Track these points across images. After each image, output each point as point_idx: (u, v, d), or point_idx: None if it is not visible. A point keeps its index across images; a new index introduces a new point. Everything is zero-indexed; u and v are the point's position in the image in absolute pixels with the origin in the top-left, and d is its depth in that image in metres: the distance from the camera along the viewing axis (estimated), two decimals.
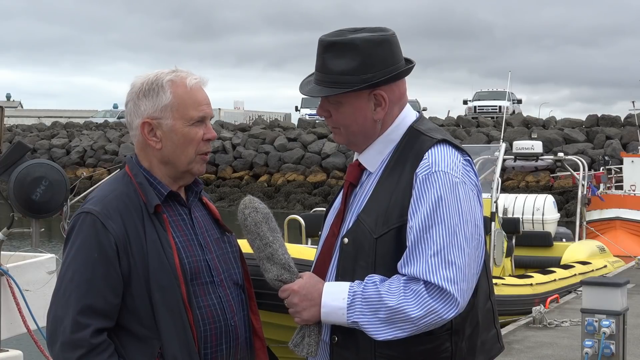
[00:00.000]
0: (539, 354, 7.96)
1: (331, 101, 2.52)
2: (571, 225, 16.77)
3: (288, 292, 2.46)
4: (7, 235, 5.12)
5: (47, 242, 14.51)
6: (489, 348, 2.57)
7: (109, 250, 2.45)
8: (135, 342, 2.47)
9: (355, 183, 2.59)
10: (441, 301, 2.31)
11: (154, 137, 2.58)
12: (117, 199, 2.52)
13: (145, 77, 2.60)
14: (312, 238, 8.10)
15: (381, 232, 2.41)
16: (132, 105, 2.61)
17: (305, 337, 2.48)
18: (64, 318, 2.43)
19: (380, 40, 2.48)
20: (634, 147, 28.95)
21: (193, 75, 2.61)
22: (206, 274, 2.57)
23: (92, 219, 2.48)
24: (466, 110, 44.08)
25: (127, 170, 2.61)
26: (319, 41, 2.53)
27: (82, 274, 2.44)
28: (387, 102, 2.51)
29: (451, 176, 2.41)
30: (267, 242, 2.49)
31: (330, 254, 2.54)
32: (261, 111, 57.85)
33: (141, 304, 2.46)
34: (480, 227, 2.46)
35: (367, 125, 2.53)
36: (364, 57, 2.46)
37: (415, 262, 2.34)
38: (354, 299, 2.37)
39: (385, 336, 2.34)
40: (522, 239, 12.62)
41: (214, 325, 2.54)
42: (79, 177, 6.51)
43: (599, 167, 24.93)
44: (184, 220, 2.61)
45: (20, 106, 66.10)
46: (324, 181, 35.98)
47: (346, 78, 2.46)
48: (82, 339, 2.40)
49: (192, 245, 2.58)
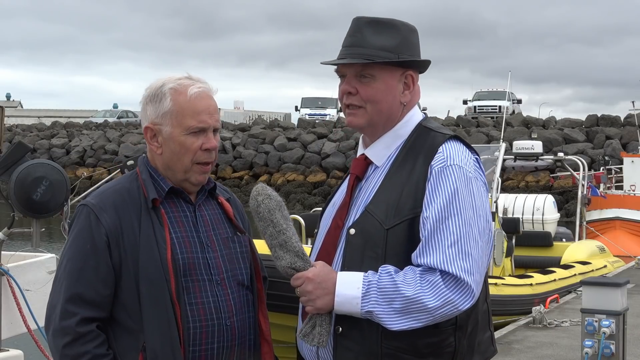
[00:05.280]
0: (539, 354, 7.95)
1: (365, 74, 2.54)
2: (571, 225, 16.78)
3: (302, 280, 2.45)
4: (7, 235, 5.12)
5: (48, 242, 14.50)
6: (484, 349, 2.59)
7: (99, 243, 2.50)
8: (124, 334, 2.50)
9: (361, 176, 2.60)
10: (457, 292, 2.34)
11: (155, 142, 2.62)
12: (115, 193, 2.58)
13: (154, 82, 2.64)
14: (312, 238, 8.09)
15: (393, 224, 2.43)
16: (142, 108, 2.67)
17: (317, 327, 2.45)
18: (56, 305, 2.50)
19: (413, 28, 2.63)
20: (634, 147, 28.95)
21: (198, 83, 2.62)
22: (204, 272, 2.57)
23: (87, 211, 2.55)
24: (466, 110, 44.05)
25: (137, 169, 2.67)
26: (355, 19, 2.61)
27: (74, 263, 2.52)
28: (414, 86, 2.60)
29: (465, 171, 2.45)
30: (281, 229, 2.47)
31: (335, 246, 2.54)
32: (261, 111, 57.80)
33: (129, 296, 2.49)
34: (490, 223, 2.50)
35: (394, 106, 2.57)
36: (403, 38, 2.56)
37: (433, 252, 2.36)
38: (369, 288, 2.38)
39: (400, 326, 2.35)
40: (522, 239, 12.62)
41: (205, 324, 2.53)
42: (79, 177, 6.52)
43: (599, 167, 24.94)
44: (186, 217, 2.62)
45: (20, 106, 66.04)
46: (324, 181, 35.98)
47: (386, 54, 2.53)
48: (68, 327, 2.45)
49: (191, 241, 2.58)
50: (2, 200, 5.09)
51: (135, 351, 2.47)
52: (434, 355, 2.42)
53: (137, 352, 2.47)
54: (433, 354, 2.42)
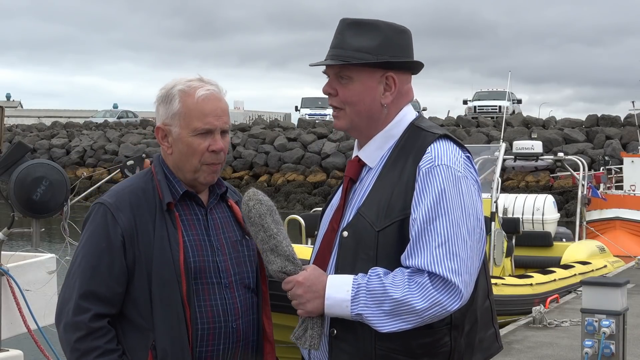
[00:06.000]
0: (539, 354, 7.96)
1: (343, 75, 2.54)
2: (571, 225, 16.78)
3: (292, 284, 2.46)
4: (7, 235, 5.12)
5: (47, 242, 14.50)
6: (487, 346, 2.58)
7: (115, 241, 2.55)
8: (134, 332, 2.55)
9: (355, 179, 2.60)
10: (445, 293, 2.33)
11: (166, 142, 2.67)
12: (131, 193, 2.62)
13: (167, 83, 2.69)
14: (312, 238, 8.11)
15: (383, 225, 2.43)
16: (155, 108, 2.72)
17: (308, 330, 2.47)
18: (69, 300, 2.55)
19: (401, 29, 2.56)
20: (634, 147, 28.95)
21: (208, 85, 2.66)
22: (214, 275, 2.61)
23: (104, 210, 2.59)
24: (466, 110, 44.06)
25: (152, 167, 2.70)
26: (341, 20, 2.58)
27: (89, 260, 2.56)
28: (396, 88, 2.54)
29: (454, 170, 2.43)
30: (271, 234, 2.50)
31: (330, 248, 2.55)
32: (261, 111, 57.85)
33: (141, 295, 2.54)
34: (481, 221, 2.49)
35: (374, 108, 2.54)
36: (384, 39, 2.51)
37: (420, 253, 2.36)
38: (358, 291, 2.38)
39: (390, 328, 2.35)
40: (522, 239, 12.62)
41: (212, 325, 2.58)
42: (79, 177, 6.52)
43: (599, 167, 24.94)
44: (198, 221, 2.66)
45: (20, 106, 66.06)
46: (324, 181, 35.98)
47: (363, 55, 2.50)
48: (81, 322, 2.50)
49: (202, 245, 2.62)
50: (2, 200, 5.09)
51: (145, 349, 2.52)
52: (429, 356, 2.42)
53: (146, 350, 2.52)
54: (427, 354, 2.42)
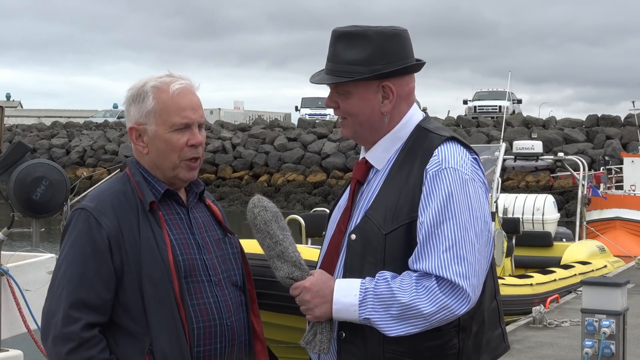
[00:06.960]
0: (539, 354, 7.95)
1: (340, 91, 2.53)
2: (571, 225, 16.76)
3: (300, 290, 2.46)
4: (7, 235, 5.12)
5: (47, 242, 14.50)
6: (495, 347, 2.58)
7: (101, 246, 2.48)
8: (127, 339, 2.49)
9: (362, 181, 2.59)
10: (453, 297, 2.33)
11: (141, 142, 2.62)
12: (111, 196, 2.56)
13: (136, 83, 2.64)
14: (312, 238, 8.10)
15: (391, 229, 2.42)
16: (125, 109, 2.66)
17: (317, 335, 2.47)
18: (57, 312, 2.46)
19: (392, 34, 2.51)
20: (634, 147, 28.96)
21: (180, 80, 2.62)
22: (202, 273, 2.58)
23: (86, 215, 2.52)
24: (466, 110, 44.08)
25: (127, 170, 2.65)
26: (332, 32, 2.56)
27: (75, 268, 2.49)
28: (394, 95, 2.52)
29: (461, 173, 2.42)
30: (277, 240, 2.49)
31: (338, 251, 2.54)
32: (261, 111, 57.84)
33: (133, 299, 2.48)
34: (489, 224, 2.48)
35: (374, 117, 2.53)
36: (375, 48, 2.48)
37: (428, 257, 2.35)
38: (365, 295, 2.37)
39: (398, 332, 2.35)
40: (522, 239, 12.61)
41: (208, 324, 2.55)
42: (79, 177, 6.52)
43: (599, 167, 24.93)
44: (181, 220, 2.62)
45: (20, 106, 66.08)
46: (324, 181, 35.95)
47: (355, 68, 2.48)
48: (72, 333, 2.42)
49: (188, 243, 2.59)
50: (2, 200, 5.09)
51: (140, 354, 2.46)
52: (437, 358, 2.42)
53: (142, 355, 2.46)
54: (436, 356, 2.42)
